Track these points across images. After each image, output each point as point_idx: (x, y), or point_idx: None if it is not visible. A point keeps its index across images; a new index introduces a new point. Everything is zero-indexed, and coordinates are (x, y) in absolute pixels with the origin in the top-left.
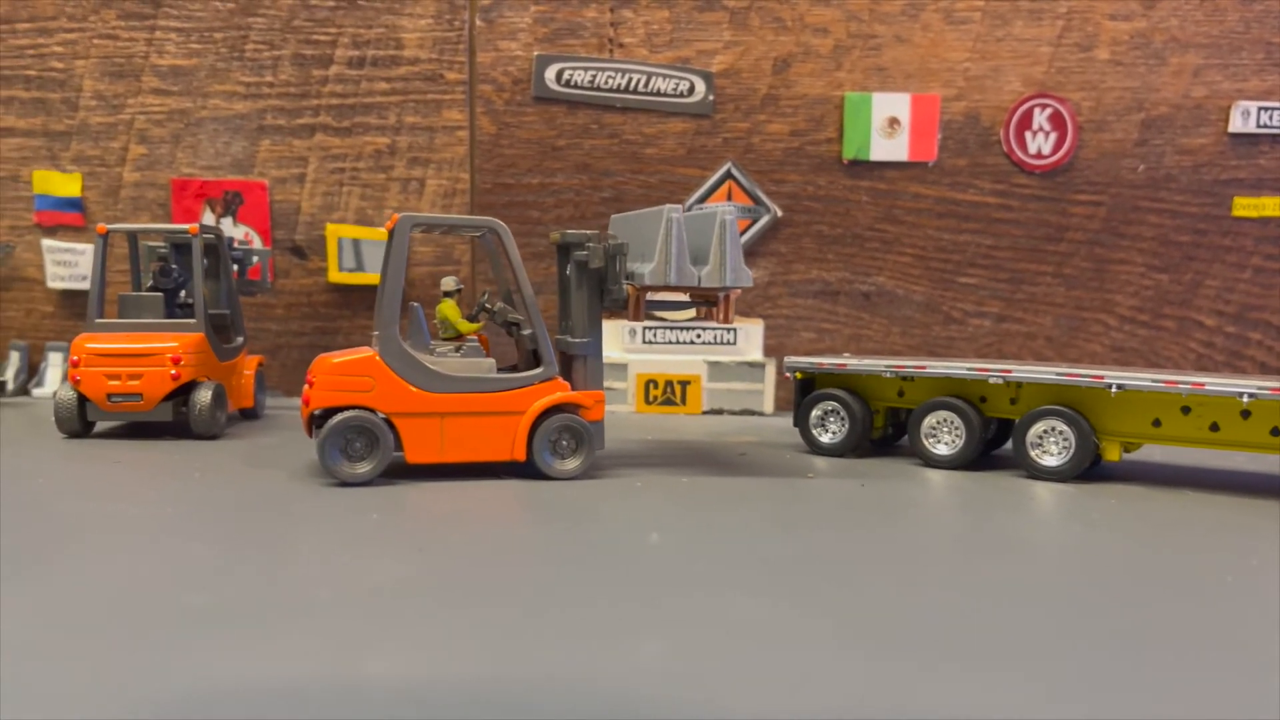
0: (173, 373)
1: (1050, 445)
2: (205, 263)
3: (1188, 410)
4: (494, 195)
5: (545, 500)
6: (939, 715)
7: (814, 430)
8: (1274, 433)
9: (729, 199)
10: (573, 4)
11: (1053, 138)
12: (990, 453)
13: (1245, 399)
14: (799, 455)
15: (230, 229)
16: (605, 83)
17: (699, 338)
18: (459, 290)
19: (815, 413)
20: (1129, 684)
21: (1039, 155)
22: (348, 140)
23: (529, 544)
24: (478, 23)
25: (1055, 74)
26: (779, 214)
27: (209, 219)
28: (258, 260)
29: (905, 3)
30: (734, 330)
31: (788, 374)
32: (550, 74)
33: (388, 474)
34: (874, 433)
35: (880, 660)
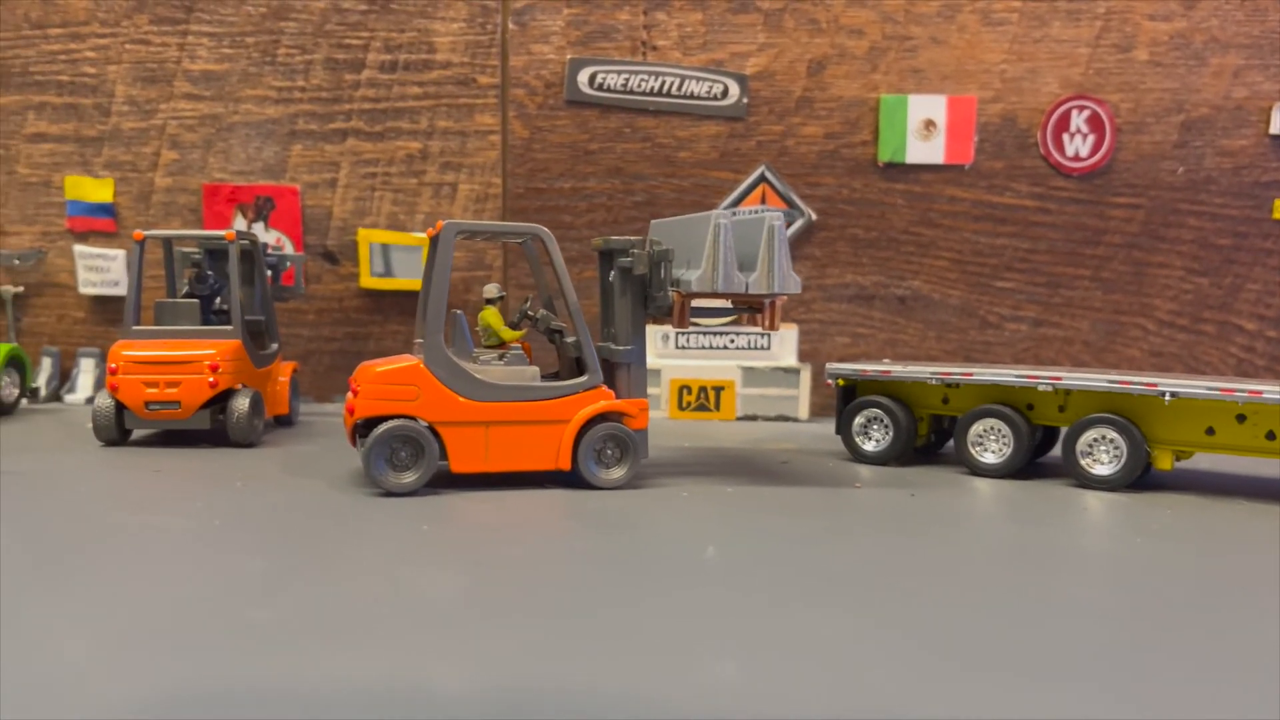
0: (211, 380)
1: (1100, 454)
2: (241, 269)
3: (1243, 419)
4: (526, 200)
5: (594, 511)
6: None
7: (857, 438)
8: None
9: (763, 202)
10: (606, 7)
11: (1091, 140)
12: (1034, 460)
13: None
14: (842, 463)
15: (262, 234)
16: (638, 86)
17: (732, 343)
18: (501, 297)
19: (858, 420)
20: (1211, 703)
21: (1077, 158)
22: (379, 145)
23: (586, 556)
24: (510, 26)
25: (1093, 75)
26: (813, 218)
27: (240, 224)
28: (291, 266)
29: (941, 4)
30: (768, 335)
31: (829, 381)
32: (583, 77)
33: (431, 484)
34: (917, 440)
35: (960, 681)
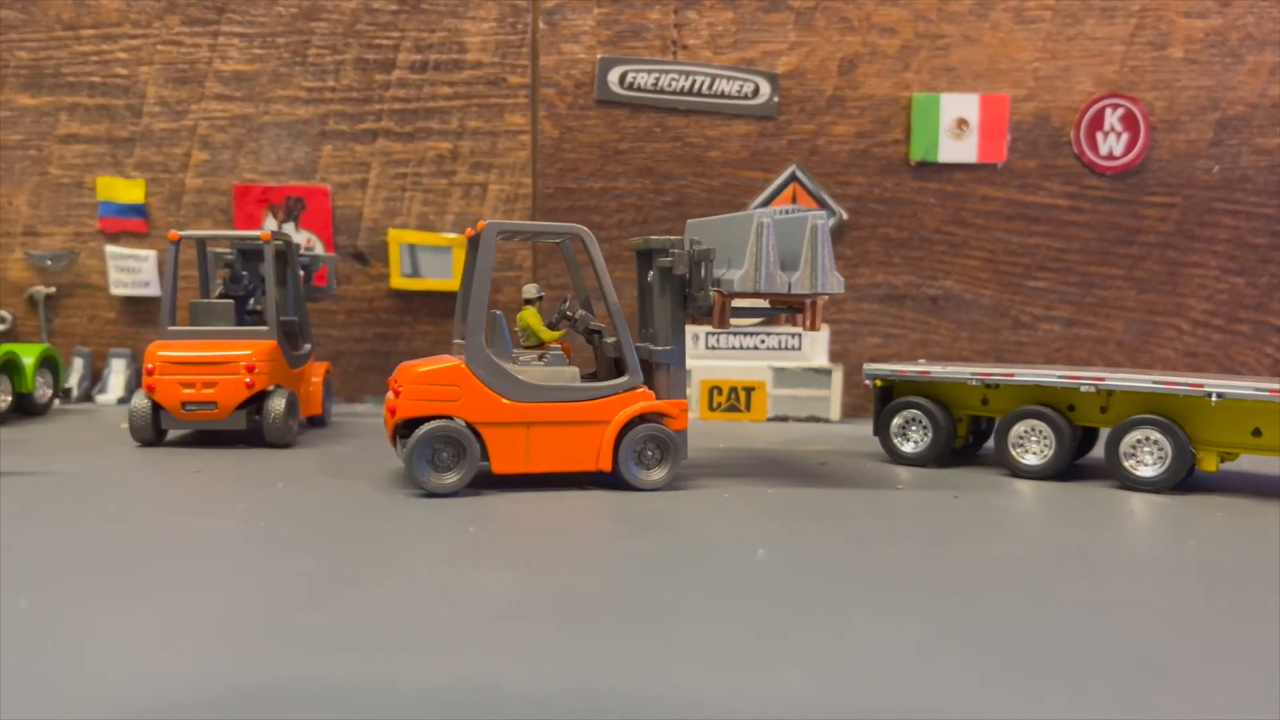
0: (247, 380)
1: (1144, 455)
2: (275, 269)
3: None
4: (556, 200)
5: (637, 513)
6: None
7: (895, 439)
8: None
9: (794, 202)
10: (636, 6)
11: (1124, 138)
12: (1074, 462)
13: None
14: (880, 465)
15: (292, 235)
16: (669, 85)
17: (763, 343)
18: (540, 298)
19: (896, 421)
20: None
21: (1110, 156)
22: (410, 145)
23: (635, 559)
24: (540, 26)
25: (1127, 73)
26: (845, 217)
27: (270, 224)
28: (324, 266)
29: (974, 1)
30: (799, 336)
31: (867, 381)
32: (613, 77)
33: (472, 484)
34: (955, 441)
35: (1027, 693)
